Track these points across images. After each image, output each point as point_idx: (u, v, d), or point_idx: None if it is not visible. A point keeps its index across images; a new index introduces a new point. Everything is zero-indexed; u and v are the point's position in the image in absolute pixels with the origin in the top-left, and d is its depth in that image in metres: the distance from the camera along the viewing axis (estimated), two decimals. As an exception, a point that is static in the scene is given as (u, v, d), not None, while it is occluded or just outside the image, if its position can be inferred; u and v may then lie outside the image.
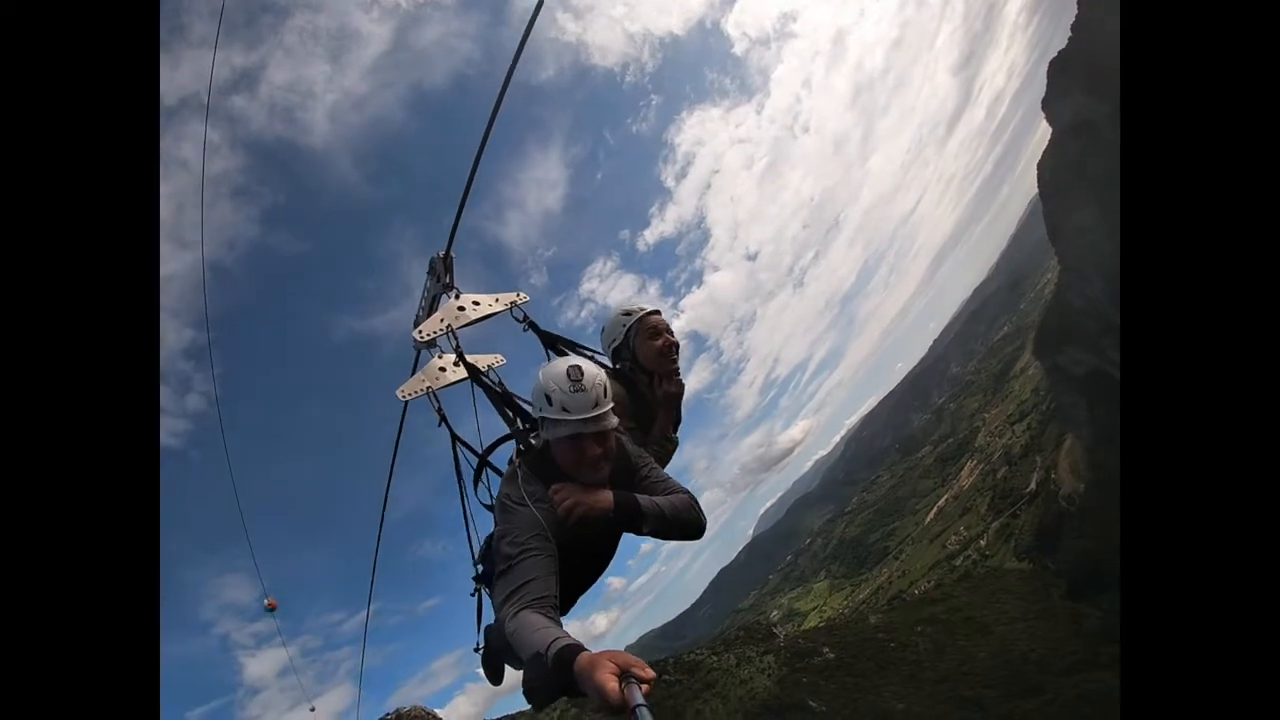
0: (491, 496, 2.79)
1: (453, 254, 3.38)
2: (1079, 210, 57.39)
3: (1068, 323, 62.10)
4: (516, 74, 2.66)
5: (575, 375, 2.11)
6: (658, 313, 3.08)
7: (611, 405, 2.20)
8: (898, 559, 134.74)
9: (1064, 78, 59.09)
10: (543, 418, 2.19)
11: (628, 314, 3.08)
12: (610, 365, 3.15)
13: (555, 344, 3.36)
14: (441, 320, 3.27)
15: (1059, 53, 60.87)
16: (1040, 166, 66.07)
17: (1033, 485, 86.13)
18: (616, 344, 3.10)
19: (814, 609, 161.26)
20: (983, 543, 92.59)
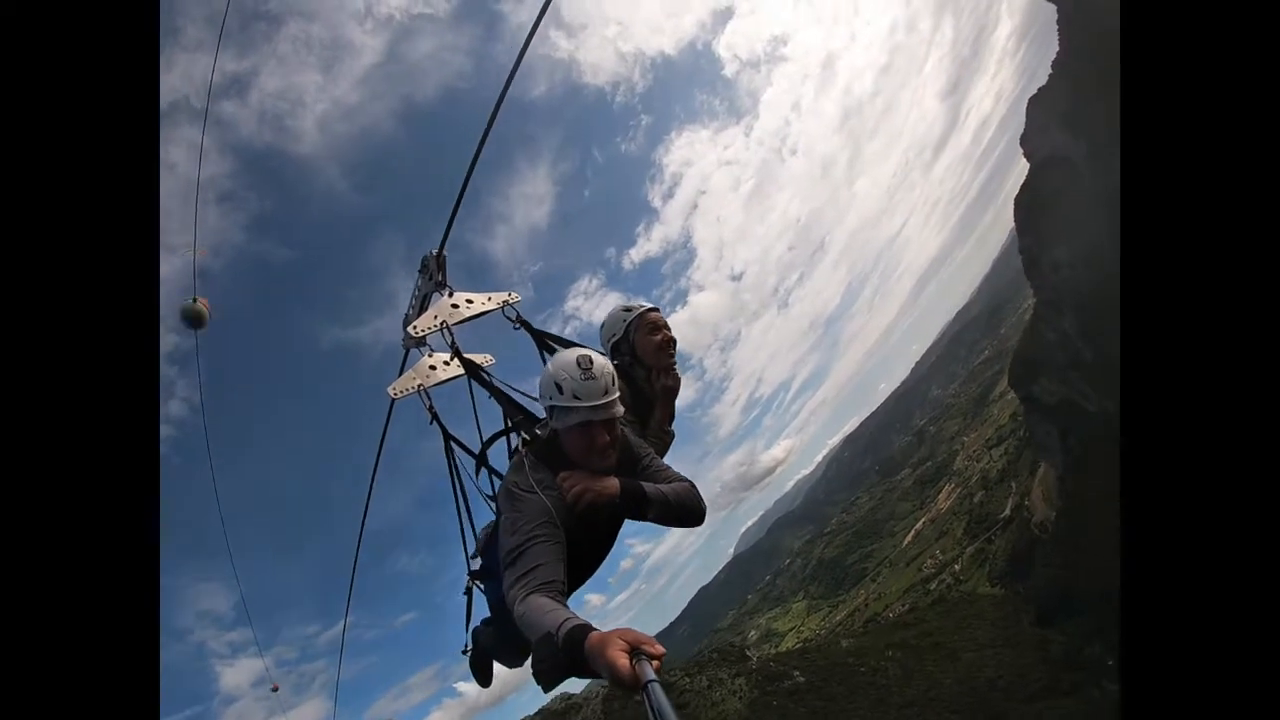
0: (493, 489, 2.83)
1: (445, 253, 3.42)
2: (1054, 246, 59.20)
3: (1041, 354, 63.80)
4: (509, 89, 2.88)
5: (585, 364, 2.18)
6: (656, 310, 3.17)
7: (619, 394, 2.26)
8: (875, 581, 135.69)
9: (1043, 114, 61.19)
10: (553, 406, 2.23)
11: (628, 310, 3.19)
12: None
13: (548, 343, 3.44)
14: (435, 317, 3.30)
15: (1039, 89, 63.00)
16: (1017, 201, 68.13)
17: (1007, 511, 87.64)
18: (616, 339, 3.19)
19: (791, 630, 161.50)
20: (957, 567, 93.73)
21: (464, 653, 2.87)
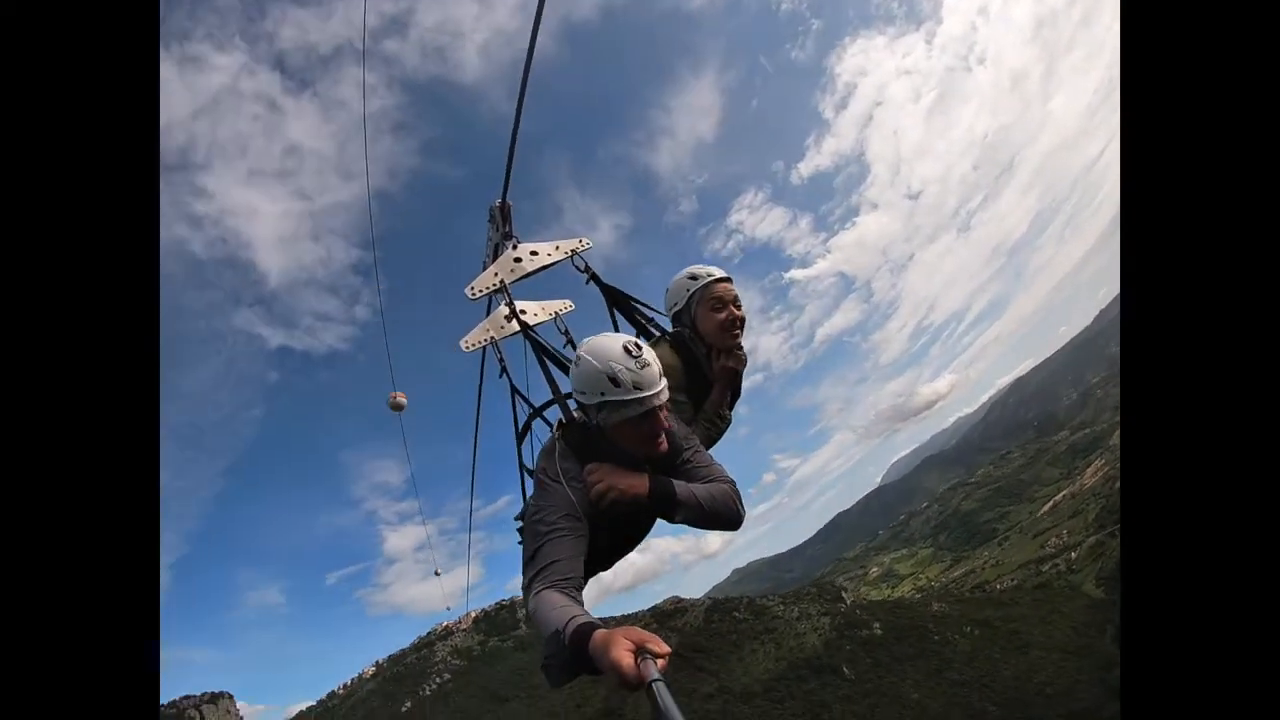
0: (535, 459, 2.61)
1: (510, 202, 3.12)
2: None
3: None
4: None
5: (635, 350, 1.95)
6: (728, 280, 2.73)
7: (665, 378, 2.05)
8: (1000, 545, 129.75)
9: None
10: (606, 401, 1.97)
11: (693, 278, 2.73)
12: (668, 331, 2.86)
13: (617, 299, 3.09)
14: (495, 274, 3.06)
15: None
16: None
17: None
18: (677, 309, 2.77)
19: (910, 575, 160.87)
20: (1074, 555, 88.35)
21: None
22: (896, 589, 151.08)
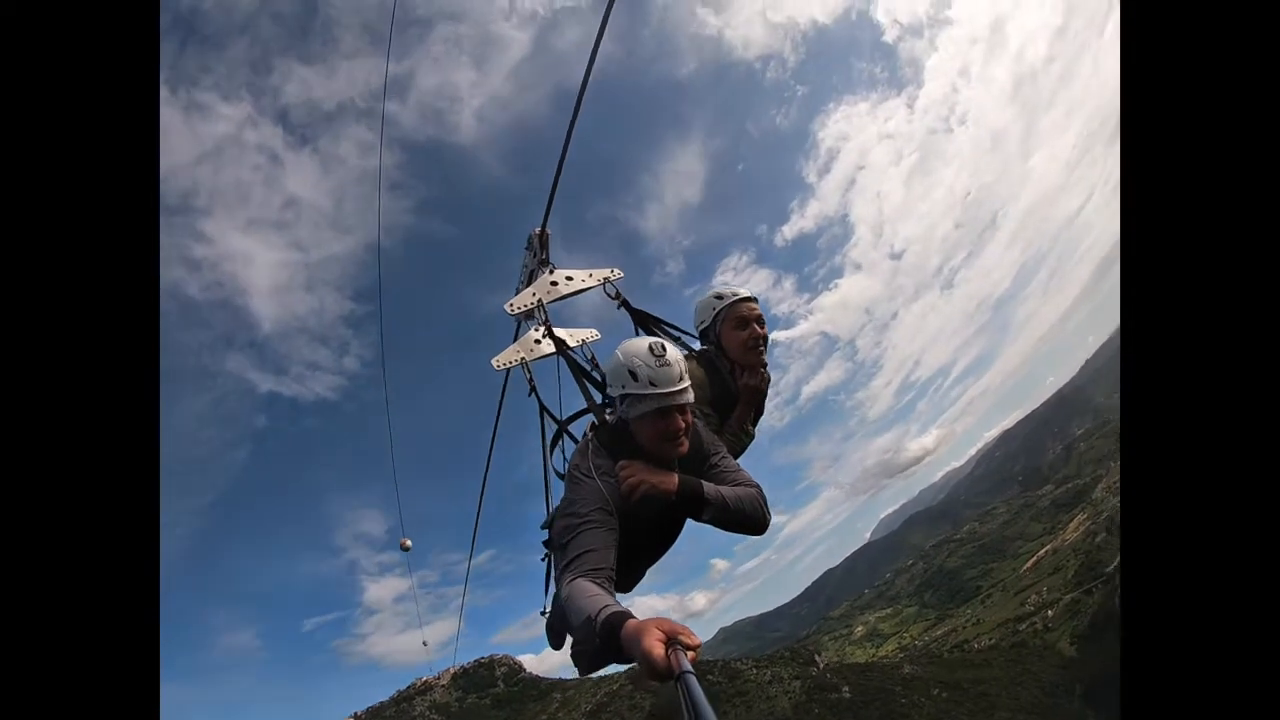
0: (566, 465, 2.68)
1: (548, 230, 3.33)
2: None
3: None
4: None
5: (659, 350, 2.06)
6: (752, 300, 2.82)
7: (689, 383, 2.13)
8: (983, 603, 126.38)
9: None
10: (625, 394, 2.10)
11: (719, 297, 2.84)
12: (695, 348, 2.99)
13: (646, 322, 3.27)
14: (533, 294, 3.26)
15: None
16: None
17: (1112, 566, 78.25)
18: (704, 327, 2.89)
19: (894, 634, 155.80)
20: (1050, 613, 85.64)
21: (542, 614, 2.82)
22: (881, 648, 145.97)
